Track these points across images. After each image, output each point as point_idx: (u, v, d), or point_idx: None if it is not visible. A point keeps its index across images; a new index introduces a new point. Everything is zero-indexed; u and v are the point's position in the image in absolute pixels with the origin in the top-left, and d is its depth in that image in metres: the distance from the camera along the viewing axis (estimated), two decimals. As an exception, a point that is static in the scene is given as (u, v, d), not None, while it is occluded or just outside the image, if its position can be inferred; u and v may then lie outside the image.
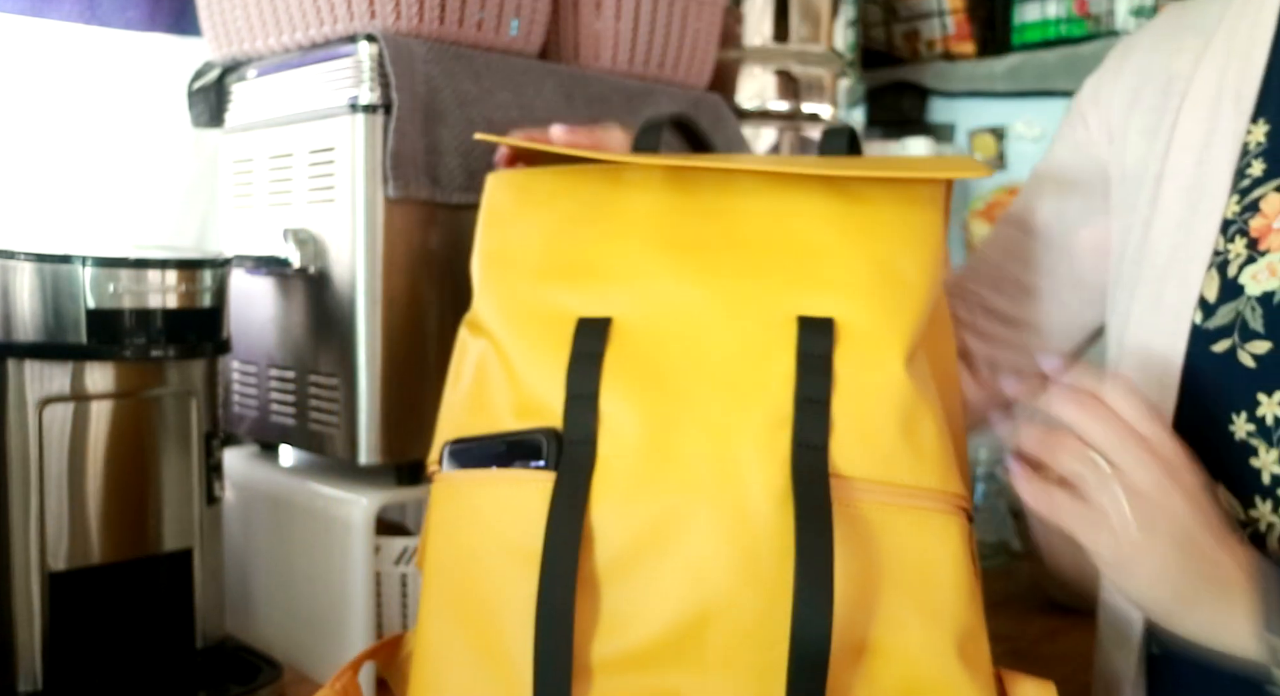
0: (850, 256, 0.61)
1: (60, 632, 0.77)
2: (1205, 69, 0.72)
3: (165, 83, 1.09)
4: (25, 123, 1.04)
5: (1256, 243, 0.66)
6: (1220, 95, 0.71)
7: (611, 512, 0.57)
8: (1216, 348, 0.66)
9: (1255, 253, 0.66)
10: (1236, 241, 0.67)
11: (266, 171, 0.95)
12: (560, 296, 0.62)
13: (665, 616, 0.56)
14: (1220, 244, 0.68)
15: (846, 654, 0.55)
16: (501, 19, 0.92)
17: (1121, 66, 0.80)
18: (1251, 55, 0.70)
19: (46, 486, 0.76)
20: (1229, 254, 0.68)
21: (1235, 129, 0.69)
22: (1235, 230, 0.68)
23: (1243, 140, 0.69)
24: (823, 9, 1.30)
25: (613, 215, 0.65)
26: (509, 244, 0.66)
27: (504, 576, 0.58)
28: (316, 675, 0.90)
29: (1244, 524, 0.64)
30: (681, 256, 0.62)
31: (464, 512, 0.60)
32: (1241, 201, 0.68)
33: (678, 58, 1.07)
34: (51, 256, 0.75)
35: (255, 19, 0.93)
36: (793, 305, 0.59)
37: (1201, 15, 0.77)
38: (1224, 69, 0.71)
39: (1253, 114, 0.69)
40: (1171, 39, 0.77)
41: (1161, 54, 0.77)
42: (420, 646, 0.60)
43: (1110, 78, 0.81)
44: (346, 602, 0.87)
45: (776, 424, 0.57)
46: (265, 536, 0.96)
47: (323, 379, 0.89)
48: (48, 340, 0.75)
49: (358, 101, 0.84)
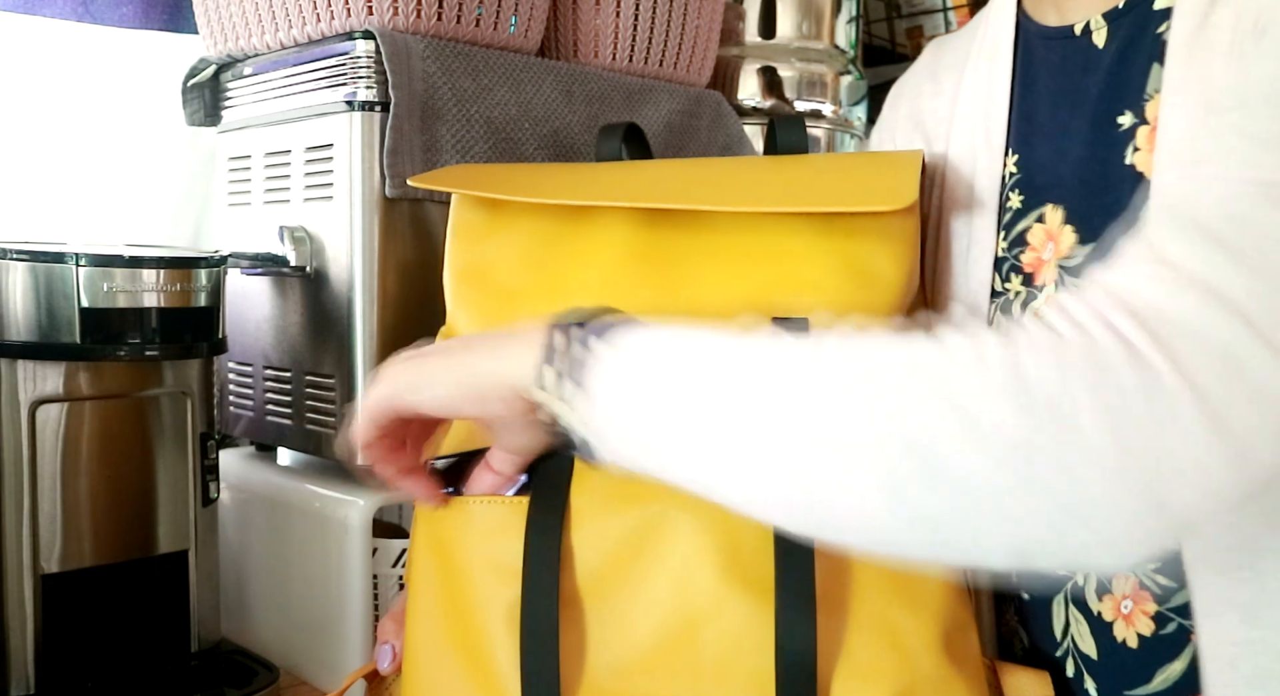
0: (822, 256, 0.61)
1: (53, 636, 0.76)
2: (961, 107, 0.72)
3: (160, 80, 1.08)
4: (19, 121, 1.04)
5: (1032, 278, 0.64)
6: (974, 133, 0.70)
7: (591, 525, 0.57)
8: None
9: (1034, 289, 0.64)
10: (1012, 279, 0.66)
11: (262, 169, 0.94)
12: (535, 309, 0.61)
13: (652, 626, 0.55)
14: (998, 283, 0.66)
15: (834, 652, 0.55)
16: (500, 15, 0.91)
17: (895, 117, 0.79)
18: (994, 88, 0.69)
19: (39, 488, 0.75)
20: (1008, 293, 0.66)
21: (991, 166, 0.68)
22: (1008, 267, 0.66)
23: (1000, 175, 0.68)
24: (825, 5, 1.29)
25: (584, 230, 0.64)
26: (481, 260, 0.66)
27: (488, 593, 0.58)
28: (313, 678, 0.90)
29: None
30: (654, 265, 0.62)
31: (447, 530, 0.60)
32: (1008, 236, 0.66)
33: (678, 54, 1.06)
34: (44, 255, 0.75)
35: (251, 16, 0.93)
36: (767, 307, 0.59)
37: (953, 51, 0.76)
38: (974, 105, 0.70)
39: (1004, 146, 0.68)
40: (932, 80, 0.76)
41: (925, 97, 0.76)
42: (409, 664, 0.60)
43: (887, 130, 0.80)
44: (343, 605, 0.86)
45: None
46: (261, 538, 0.96)
47: (319, 379, 0.88)
48: (40, 340, 0.75)
49: (355, 99, 0.83)
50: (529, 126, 0.91)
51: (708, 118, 1.06)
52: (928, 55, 0.80)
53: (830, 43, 1.30)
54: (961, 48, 0.75)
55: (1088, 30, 0.64)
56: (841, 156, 0.74)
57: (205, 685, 0.83)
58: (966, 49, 0.74)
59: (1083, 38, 0.65)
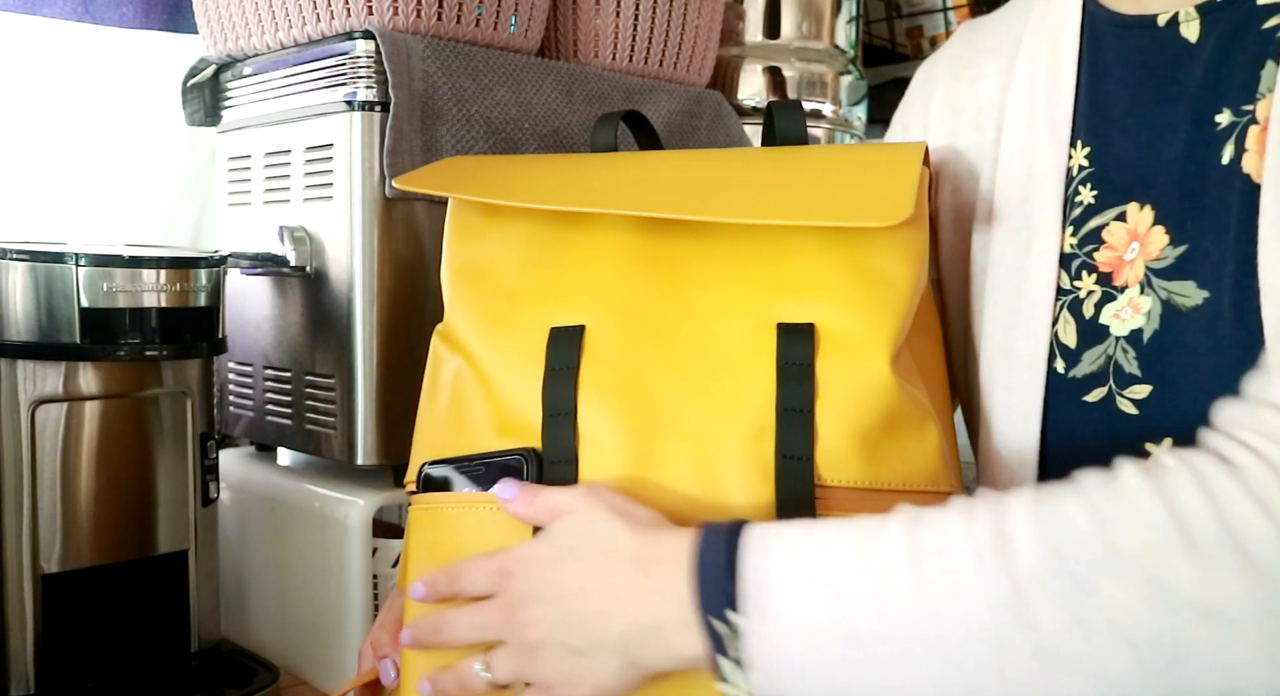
0: (829, 257, 0.59)
1: (53, 636, 0.76)
2: (1015, 95, 0.68)
3: (160, 80, 1.08)
4: (19, 121, 1.04)
5: (1110, 277, 0.62)
6: (1034, 122, 0.67)
7: None
8: (1090, 397, 0.61)
9: (1111, 289, 0.62)
10: (1085, 277, 0.63)
11: (262, 169, 0.94)
12: (533, 308, 0.61)
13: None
14: (1065, 281, 0.63)
15: None
16: (500, 15, 0.91)
17: (928, 102, 0.76)
18: (1059, 76, 0.66)
19: (39, 488, 0.75)
20: (1079, 292, 0.63)
21: (1055, 157, 0.65)
22: (1079, 265, 0.63)
23: (1065, 167, 0.65)
24: (825, 5, 1.29)
25: (583, 229, 0.63)
26: (479, 259, 0.65)
27: None
28: (313, 678, 0.90)
29: None
30: (655, 265, 0.61)
31: (444, 537, 0.59)
32: (1077, 232, 0.63)
33: (678, 54, 1.06)
34: (44, 255, 0.74)
35: (251, 16, 0.93)
36: (772, 311, 0.58)
37: (995, 36, 0.72)
38: (1033, 93, 0.67)
39: (1070, 137, 0.65)
40: (971, 66, 0.73)
41: (964, 82, 0.73)
42: (407, 675, 0.59)
43: (918, 114, 0.77)
44: (344, 605, 0.86)
45: (759, 435, 0.55)
46: (261, 538, 0.95)
47: (319, 379, 0.88)
48: (40, 340, 0.75)
49: (355, 99, 0.83)
50: (529, 126, 0.91)
51: (708, 118, 1.06)
52: (960, 40, 0.76)
53: (830, 43, 1.30)
54: (1004, 31, 0.71)
55: (1175, 22, 0.62)
56: (841, 151, 0.72)
57: (205, 685, 0.83)
58: (1015, 33, 0.70)
59: (1168, 29, 0.62)
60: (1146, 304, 0.60)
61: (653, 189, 0.64)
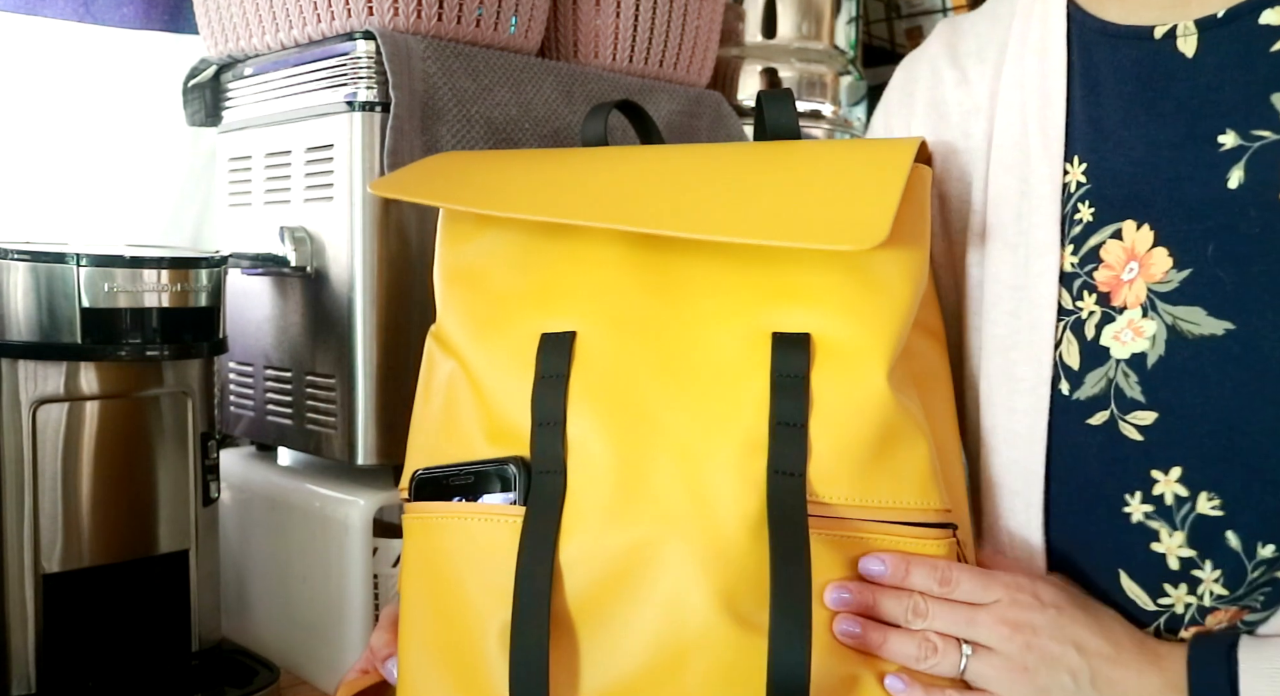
0: (826, 263, 0.57)
1: (54, 635, 0.76)
2: (1004, 105, 0.66)
3: (161, 81, 1.08)
4: (20, 121, 1.04)
5: (1109, 298, 0.60)
6: (1025, 135, 0.64)
7: (583, 546, 0.55)
8: (1093, 420, 0.60)
9: (1110, 309, 0.60)
10: (1085, 297, 0.61)
11: (263, 169, 0.94)
12: (524, 313, 0.60)
13: (641, 652, 0.54)
14: (1067, 300, 0.61)
15: (834, 685, 0.54)
16: (500, 16, 0.91)
17: (911, 102, 0.73)
18: (1048, 89, 0.64)
19: (40, 488, 0.75)
20: (1081, 312, 0.61)
21: (1050, 173, 0.63)
22: (1080, 285, 0.61)
23: (1061, 182, 0.62)
24: (824, 6, 1.29)
25: (575, 233, 0.62)
26: (471, 261, 0.64)
27: (479, 612, 0.56)
28: (314, 678, 0.90)
29: (1155, 613, 0.59)
30: (648, 270, 0.59)
31: (437, 548, 0.59)
32: (1077, 251, 0.61)
33: (678, 55, 1.06)
34: (45, 255, 0.75)
35: (251, 16, 0.93)
36: (766, 319, 0.56)
37: (978, 38, 0.70)
38: (1023, 105, 0.65)
39: (1064, 151, 0.63)
40: (951, 67, 0.71)
41: (947, 85, 0.71)
42: (402, 681, 0.59)
43: (900, 115, 0.74)
44: (344, 605, 0.86)
45: (751, 449, 0.54)
46: (262, 538, 0.96)
47: (320, 379, 0.88)
48: (41, 340, 0.75)
49: (355, 99, 0.84)
50: (529, 127, 0.91)
51: (708, 118, 1.06)
52: (940, 39, 0.74)
53: (830, 43, 1.30)
54: (987, 34, 0.69)
55: (1172, 35, 0.60)
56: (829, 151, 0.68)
57: (206, 685, 0.83)
58: (999, 38, 0.68)
59: (1164, 42, 0.60)
60: (1151, 328, 0.58)
61: (639, 197, 0.62)
